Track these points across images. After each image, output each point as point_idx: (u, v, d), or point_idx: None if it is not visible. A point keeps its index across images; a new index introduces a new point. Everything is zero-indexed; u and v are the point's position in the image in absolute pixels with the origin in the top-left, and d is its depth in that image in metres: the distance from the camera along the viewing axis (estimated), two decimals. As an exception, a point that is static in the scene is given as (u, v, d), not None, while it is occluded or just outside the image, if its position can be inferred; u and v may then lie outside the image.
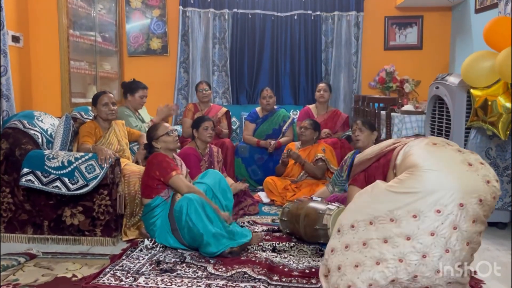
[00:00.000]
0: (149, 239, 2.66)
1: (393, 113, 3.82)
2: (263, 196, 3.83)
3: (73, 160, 2.72)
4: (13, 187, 2.80)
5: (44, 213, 2.78)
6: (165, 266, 2.36)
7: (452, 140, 2.46)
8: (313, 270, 2.30)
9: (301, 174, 3.82)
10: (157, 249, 2.60)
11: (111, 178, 2.75)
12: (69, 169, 2.70)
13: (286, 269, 2.32)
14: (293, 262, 2.43)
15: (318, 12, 5.07)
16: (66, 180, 2.70)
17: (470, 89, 2.86)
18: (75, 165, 2.71)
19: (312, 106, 4.59)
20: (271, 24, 5.11)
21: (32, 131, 2.91)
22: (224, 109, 4.50)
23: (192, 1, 5.03)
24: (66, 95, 3.96)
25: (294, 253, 2.57)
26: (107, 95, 3.13)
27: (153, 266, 2.36)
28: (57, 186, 2.70)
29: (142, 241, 2.67)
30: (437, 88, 3.23)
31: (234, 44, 5.13)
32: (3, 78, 3.10)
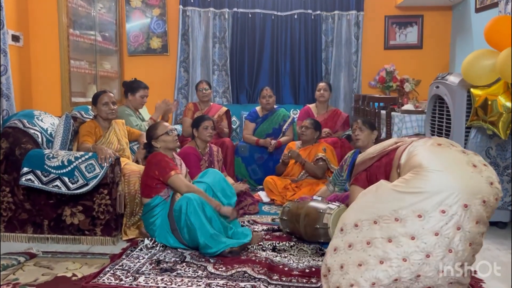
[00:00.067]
0: (149, 239, 2.67)
1: (393, 113, 3.81)
2: (263, 195, 3.83)
3: (73, 159, 2.72)
4: (13, 186, 2.80)
5: (44, 212, 2.78)
6: (165, 265, 2.36)
7: (452, 140, 2.46)
8: (313, 269, 2.30)
9: (302, 173, 3.82)
10: (157, 248, 2.60)
11: (111, 177, 2.75)
12: (69, 168, 2.70)
13: (286, 269, 2.32)
14: (293, 261, 2.43)
15: (318, 12, 5.07)
16: (66, 179, 2.70)
17: (470, 89, 2.85)
18: (75, 164, 2.71)
19: (312, 106, 4.59)
20: (271, 23, 5.10)
21: (32, 131, 2.91)
22: (224, 108, 4.49)
23: (192, 1, 5.02)
24: (66, 95, 3.96)
25: (294, 252, 2.57)
26: (107, 95, 3.13)
27: (153, 265, 2.36)
28: (57, 185, 2.70)
29: (142, 241, 2.67)
30: (437, 87, 3.23)
31: (234, 44, 5.13)
32: (3, 78, 3.10)
